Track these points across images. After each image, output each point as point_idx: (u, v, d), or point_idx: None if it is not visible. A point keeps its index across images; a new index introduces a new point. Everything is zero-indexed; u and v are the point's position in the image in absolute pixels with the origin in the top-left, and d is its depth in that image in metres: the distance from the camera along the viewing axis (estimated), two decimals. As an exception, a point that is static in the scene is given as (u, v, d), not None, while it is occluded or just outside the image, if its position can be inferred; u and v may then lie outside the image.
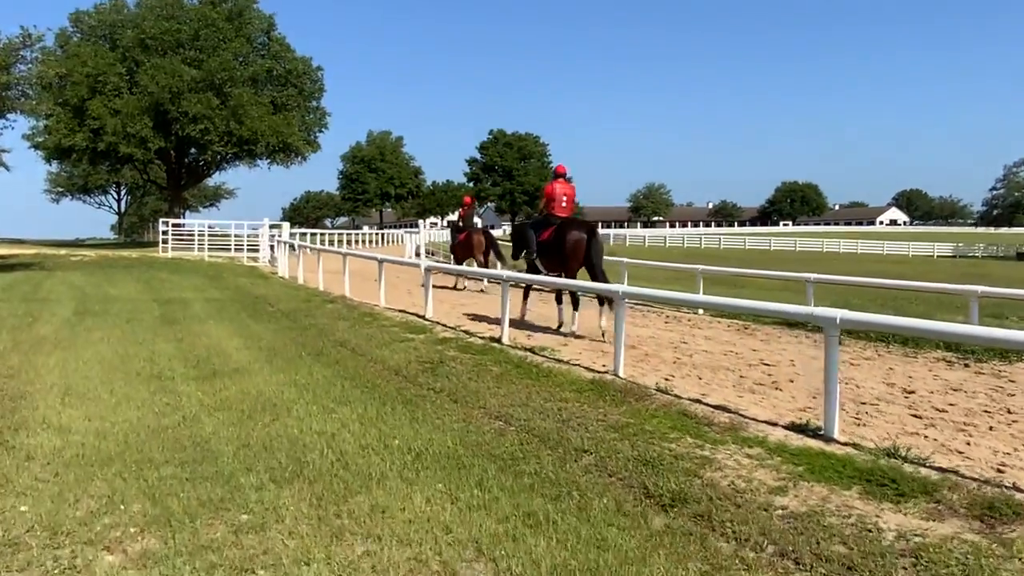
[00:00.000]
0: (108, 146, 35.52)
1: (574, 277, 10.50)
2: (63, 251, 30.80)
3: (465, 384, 7.27)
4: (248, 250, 28.27)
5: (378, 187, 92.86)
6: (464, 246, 17.54)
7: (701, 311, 13.77)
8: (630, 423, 5.69)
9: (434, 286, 16.47)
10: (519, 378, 7.38)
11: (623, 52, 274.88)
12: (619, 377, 7.44)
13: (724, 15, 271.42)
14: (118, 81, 35.91)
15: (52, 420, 6.29)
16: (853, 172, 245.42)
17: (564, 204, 11.01)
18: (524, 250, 11.22)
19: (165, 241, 29.13)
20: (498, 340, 9.69)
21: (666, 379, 7.79)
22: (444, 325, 11.21)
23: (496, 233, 27.72)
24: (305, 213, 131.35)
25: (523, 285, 11.56)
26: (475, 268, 12.06)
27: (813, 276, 11.73)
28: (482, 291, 17.03)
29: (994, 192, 79.27)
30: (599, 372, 7.71)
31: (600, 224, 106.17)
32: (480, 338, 10.00)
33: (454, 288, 17.62)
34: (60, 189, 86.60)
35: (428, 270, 12.14)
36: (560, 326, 10.94)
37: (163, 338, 10.36)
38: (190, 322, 11.81)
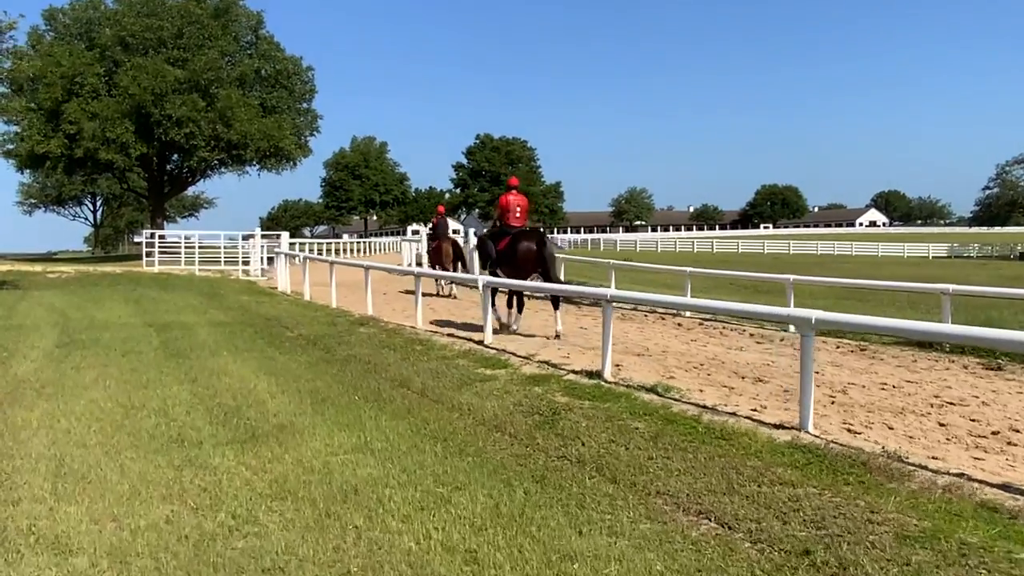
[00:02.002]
0: (86, 152, 32.89)
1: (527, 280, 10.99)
2: (38, 267, 28.35)
3: (611, 451, 5.34)
4: (241, 263, 26.09)
5: (362, 194, 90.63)
6: (435, 254, 18.79)
7: (792, 328, 11.94)
8: (933, 530, 3.78)
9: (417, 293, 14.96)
10: (684, 441, 5.45)
11: (602, 59, 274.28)
12: (809, 433, 5.56)
13: (703, 21, 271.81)
14: (96, 82, 33.35)
15: (42, 526, 4.30)
16: (831, 173, 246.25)
17: (518, 215, 11.43)
18: (486, 258, 11.76)
19: (150, 254, 26.84)
20: (598, 375, 7.77)
21: (848, 429, 5.98)
22: (515, 355, 9.27)
23: None
24: (283, 222, 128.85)
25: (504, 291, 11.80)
26: (546, 284, 10.28)
27: (952, 287, 9.87)
28: (452, 295, 18.10)
29: (987, 191, 78.51)
30: (775, 426, 5.81)
31: (582, 229, 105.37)
32: (573, 372, 8.08)
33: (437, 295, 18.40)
34: (33, 201, 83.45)
35: (487, 287, 10.16)
36: (510, 326, 11.33)
37: (173, 377, 8.33)
38: (200, 354, 9.77)
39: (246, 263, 26.07)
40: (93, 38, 35.13)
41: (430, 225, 22.94)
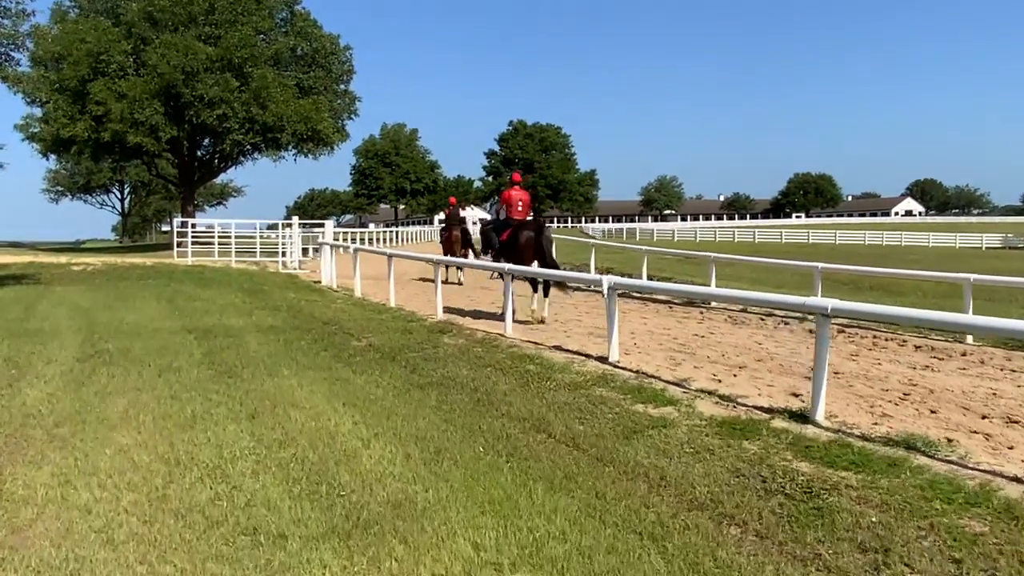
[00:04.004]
0: (113, 135, 30.94)
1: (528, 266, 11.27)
2: (63, 258, 26.62)
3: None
4: (280, 254, 24.19)
5: (393, 182, 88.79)
6: (446, 243, 20.08)
7: (970, 338, 9.78)
8: None
9: (422, 279, 14.01)
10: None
11: (634, 45, 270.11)
12: None
13: (737, 7, 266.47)
14: (123, 60, 31.38)
15: None
16: (864, 162, 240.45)
17: (520, 208, 12.07)
18: (490, 248, 12.46)
19: (181, 244, 25.01)
20: (805, 418, 5.68)
21: None
22: (661, 380, 7.20)
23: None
24: (310, 211, 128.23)
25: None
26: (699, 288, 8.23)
27: None
28: (459, 283, 18.88)
29: (1043, 180, 74.76)
30: None
31: (611, 218, 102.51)
32: (769, 412, 5.97)
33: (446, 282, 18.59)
34: (60, 188, 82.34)
35: (614, 290, 8.07)
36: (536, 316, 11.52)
37: (225, 409, 6.36)
38: (255, 372, 7.79)
39: (284, 254, 24.18)
40: (119, 13, 33.07)
41: (444, 216, 23.94)
